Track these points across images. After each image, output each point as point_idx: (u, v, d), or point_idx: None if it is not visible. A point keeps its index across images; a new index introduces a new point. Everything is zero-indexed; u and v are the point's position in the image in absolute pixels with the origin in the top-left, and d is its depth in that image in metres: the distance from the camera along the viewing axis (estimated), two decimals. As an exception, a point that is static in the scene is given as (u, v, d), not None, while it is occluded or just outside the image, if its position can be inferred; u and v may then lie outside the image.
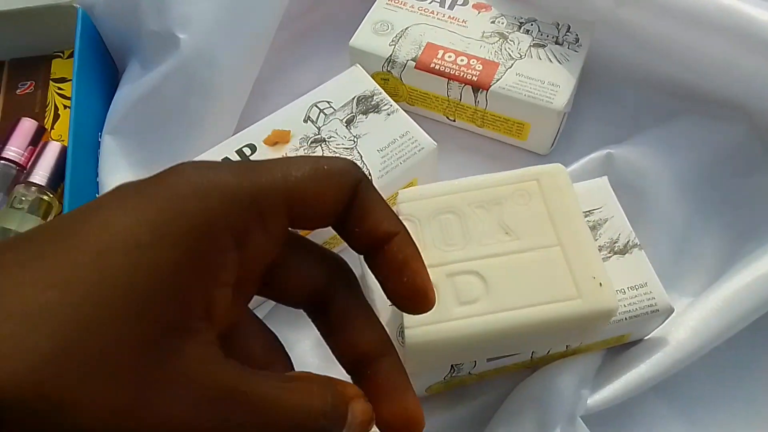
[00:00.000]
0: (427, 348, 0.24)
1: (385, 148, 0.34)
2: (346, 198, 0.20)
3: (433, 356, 0.26)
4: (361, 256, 0.21)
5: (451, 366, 0.28)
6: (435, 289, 0.24)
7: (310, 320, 0.33)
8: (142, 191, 0.17)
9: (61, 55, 0.43)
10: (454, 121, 0.40)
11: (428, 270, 0.25)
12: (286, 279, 0.21)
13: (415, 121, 0.36)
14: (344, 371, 0.21)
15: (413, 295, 0.21)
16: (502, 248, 0.25)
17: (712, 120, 0.37)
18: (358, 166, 0.20)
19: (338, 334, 0.21)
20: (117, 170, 0.36)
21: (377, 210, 0.20)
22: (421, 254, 0.25)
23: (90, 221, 0.16)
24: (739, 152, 0.37)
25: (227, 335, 0.20)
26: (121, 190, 0.17)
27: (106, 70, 0.42)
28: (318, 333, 0.22)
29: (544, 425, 0.28)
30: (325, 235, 0.34)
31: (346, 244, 0.21)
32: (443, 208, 0.27)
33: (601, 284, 0.24)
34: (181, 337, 0.16)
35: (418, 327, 0.24)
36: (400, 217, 0.26)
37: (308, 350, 0.33)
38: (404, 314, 0.24)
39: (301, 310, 0.22)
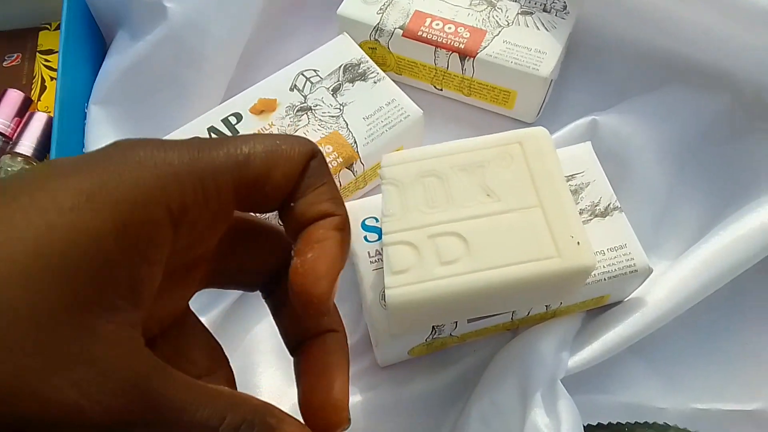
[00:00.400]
0: (409, 307, 0.25)
1: (371, 115, 0.35)
2: (296, 174, 0.18)
3: (415, 316, 0.26)
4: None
5: (433, 328, 0.29)
6: (417, 251, 0.25)
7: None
8: (76, 161, 0.16)
9: (49, 27, 0.43)
10: (442, 90, 0.40)
11: (411, 232, 0.26)
12: (239, 264, 0.21)
13: (402, 89, 0.36)
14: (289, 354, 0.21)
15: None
16: (484, 210, 0.26)
17: (697, 89, 0.38)
18: (313, 143, 0.19)
19: (282, 310, 0.21)
20: (103, 140, 0.36)
21: (322, 188, 0.19)
22: (404, 218, 0.26)
23: (24, 183, 0.15)
24: (722, 120, 0.37)
25: (167, 333, 0.20)
26: (54, 160, 0.16)
27: (94, 42, 0.42)
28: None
29: (525, 390, 0.28)
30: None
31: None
32: (426, 172, 0.27)
33: (579, 243, 0.25)
34: (97, 313, 0.15)
35: (399, 287, 0.24)
36: (383, 181, 0.27)
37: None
38: (386, 274, 0.25)
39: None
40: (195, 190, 0.17)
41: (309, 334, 0.20)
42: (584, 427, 0.30)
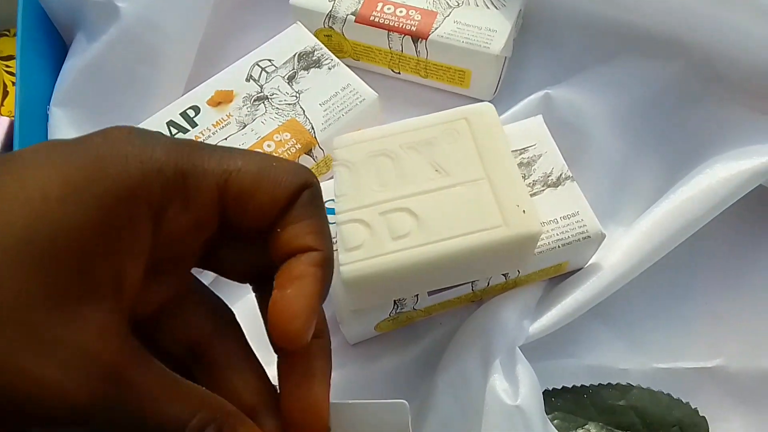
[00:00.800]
0: (363, 282, 0.25)
1: (327, 101, 0.35)
2: (282, 200, 0.18)
3: (371, 290, 0.27)
4: None
5: (394, 303, 0.29)
6: (369, 228, 0.26)
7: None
8: (67, 148, 0.17)
9: (8, 33, 0.43)
10: (399, 73, 0.40)
11: (362, 210, 0.26)
12: (228, 260, 0.21)
13: (360, 75, 0.37)
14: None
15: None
16: (433, 185, 0.27)
17: (650, 58, 0.38)
18: (311, 174, 0.19)
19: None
20: (66, 140, 0.36)
21: (310, 221, 0.19)
22: (356, 197, 0.26)
23: (7, 170, 0.16)
24: (675, 87, 0.38)
25: (167, 308, 0.20)
26: (48, 144, 0.17)
27: (53, 45, 0.42)
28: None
29: (488, 359, 0.29)
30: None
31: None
32: (377, 152, 0.28)
33: (524, 211, 0.25)
34: (82, 301, 0.16)
35: (352, 263, 0.25)
36: (335, 163, 0.28)
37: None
38: (340, 252, 0.26)
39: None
40: (177, 191, 0.17)
41: None
42: (550, 390, 0.31)
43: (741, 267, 0.34)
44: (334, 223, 0.31)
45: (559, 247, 0.30)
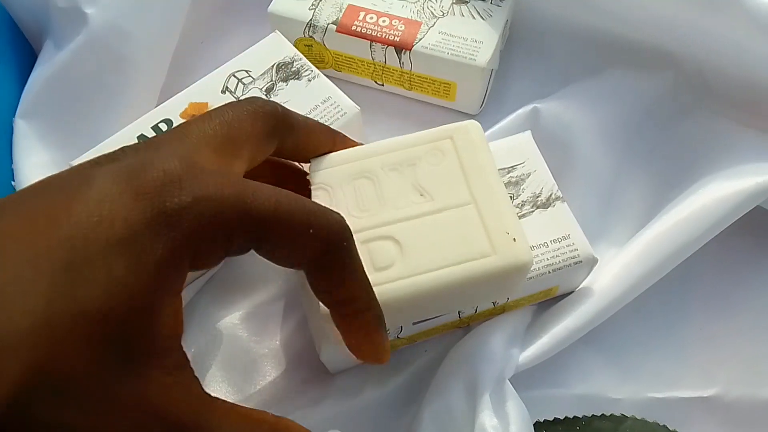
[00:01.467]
0: None
1: (307, 114, 0.33)
2: (317, 254, 0.19)
3: None
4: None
5: (377, 331, 0.28)
6: None
7: (237, 296, 0.33)
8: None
9: (-28, 39, 0.41)
10: (383, 85, 0.39)
11: None
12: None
13: (343, 87, 0.35)
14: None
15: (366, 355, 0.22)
16: (416, 210, 0.25)
17: (639, 70, 0.37)
18: (346, 225, 0.20)
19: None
20: (30, 153, 0.34)
21: (350, 280, 0.20)
22: None
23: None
24: (665, 101, 0.37)
25: None
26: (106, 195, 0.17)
27: (21, 54, 0.40)
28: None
29: (475, 391, 0.27)
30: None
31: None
32: (357, 173, 0.26)
33: (515, 239, 0.24)
34: (146, 361, 0.16)
35: None
36: (312, 186, 0.26)
37: (237, 323, 0.33)
38: None
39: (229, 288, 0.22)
40: (219, 235, 0.18)
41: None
42: (541, 422, 0.29)
43: (735, 288, 0.33)
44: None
45: (549, 272, 0.28)
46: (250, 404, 0.22)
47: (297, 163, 0.27)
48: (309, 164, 0.26)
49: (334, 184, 0.26)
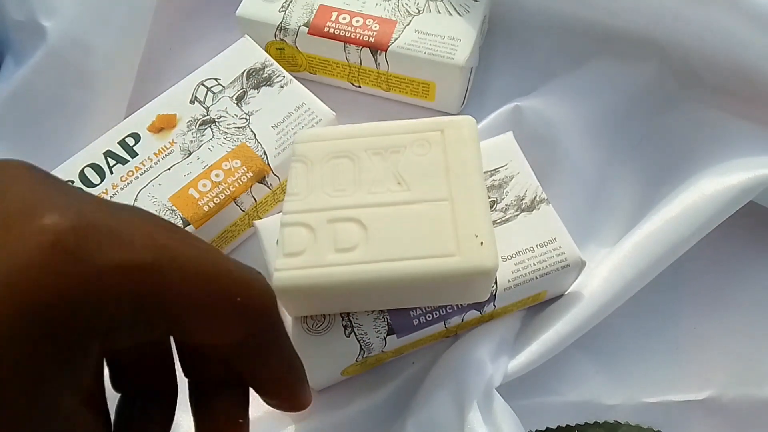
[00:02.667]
0: (296, 292, 0.24)
1: (280, 123, 0.32)
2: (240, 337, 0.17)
3: (303, 301, 0.25)
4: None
5: (361, 347, 0.27)
6: (313, 235, 0.24)
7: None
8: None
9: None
10: (360, 87, 0.38)
11: (310, 214, 0.24)
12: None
13: (319, 90, 0.34)
14: None
15: None
16: (390, 198, 0.24)
17: (623, 60, 0.36)
18: (273, 293, 0.18)
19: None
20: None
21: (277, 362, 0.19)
22: (307, 198, 0.25)
23: None
24: (651, 91, 0.35)
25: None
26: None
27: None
28: None
29: (463, 401, 0.26)
30: (225, 223, 0.31)
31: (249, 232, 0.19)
32: (339, 152, 0.26)
33: (482, 243, 0.23)
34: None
35: (287, 270, 0.23)
36: (294, 158, 0.26)
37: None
38: (278, 255, 0.24)
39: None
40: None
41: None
42: (533, 432, 0.28)
43: (727, 285, 0.32)
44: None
45: (536, 277, 0.27)
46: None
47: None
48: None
49: (314, 159, 0.26)
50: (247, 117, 0.32)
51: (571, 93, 0.35)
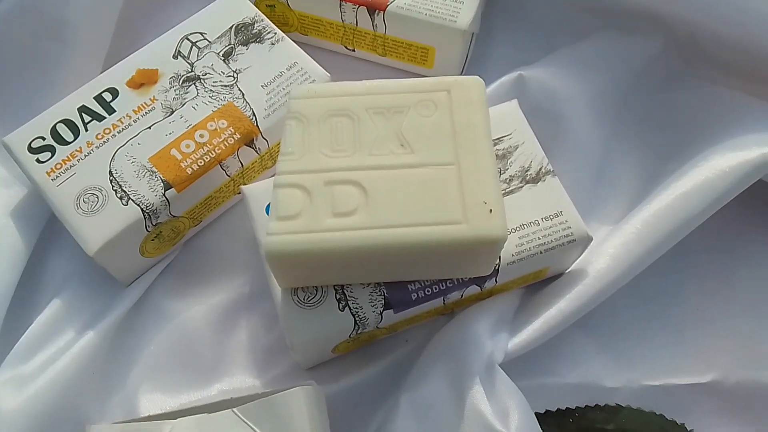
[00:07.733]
0: (289, 258, 0.22)
1: (271, 82, 0.30)
2: None
3: (296, 269, 0.23)
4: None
5: (355, 323, 0.25)
6: (309, 197, 0.22)
7: (199, 288, 0.30)
8: None
9: None
10: (354, 51, 0.36)
11: (307, 175, 0.23)
12: None
13: (310, 53, 0.32)
14: None
15: None
16: (393, 161, 0.23)
17: (629, 34, 0.35)
18: None
19: None
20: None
21: None
22: (303, 158, 0.23)
23: None
24: (657, 67, 0.34)
25: None
26: None
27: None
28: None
29: (461, 378, 0.25)
30: (210, 188, 0.29)
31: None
32: (338, 110, 0.24)
33: (491, 211, 0.22)
34: None
35: (280, 235, 0.21)
36: (288, 114, 0.24)
37: (197, 317, 0.30)
38: (270, 218, 0.22)
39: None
40: None
41: None
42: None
43: (732, 267, 0.31)
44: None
45: (541, 252, 0.26)
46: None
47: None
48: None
49: (311, 117, 0.24)
50: (235, 75, 0.30)
51: (575, 64, 0.34)
